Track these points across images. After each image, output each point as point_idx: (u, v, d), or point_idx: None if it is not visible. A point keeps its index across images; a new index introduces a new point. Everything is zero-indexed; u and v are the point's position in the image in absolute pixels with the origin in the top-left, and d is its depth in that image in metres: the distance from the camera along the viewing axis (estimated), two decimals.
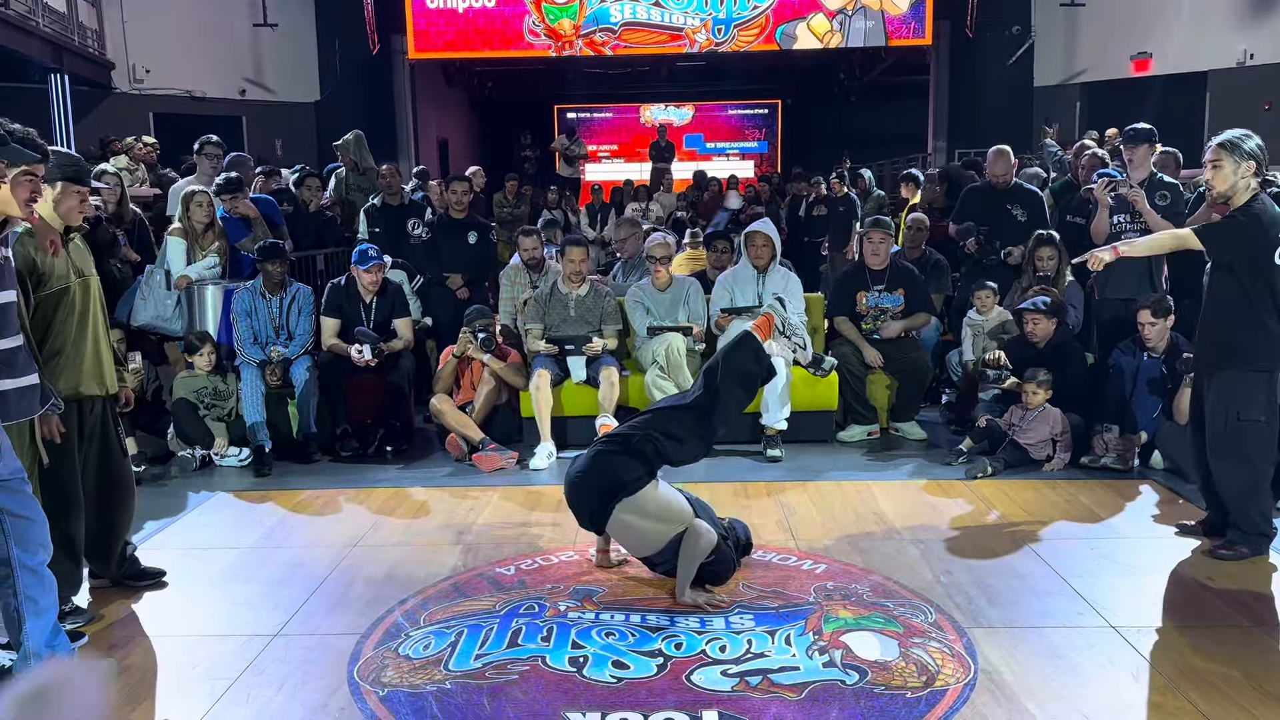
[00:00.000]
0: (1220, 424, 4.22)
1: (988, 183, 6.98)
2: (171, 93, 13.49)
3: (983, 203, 6.92)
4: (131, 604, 3.99)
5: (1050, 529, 4.69)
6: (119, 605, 3.97)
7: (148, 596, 4.06)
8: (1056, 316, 5.83)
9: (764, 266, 6.33)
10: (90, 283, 3.86)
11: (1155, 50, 13.11)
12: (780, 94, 20.81)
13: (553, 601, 3.87)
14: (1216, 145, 4.17)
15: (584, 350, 6.12)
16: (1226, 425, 4.19)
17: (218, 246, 6.51)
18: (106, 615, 3.88)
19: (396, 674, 3.34)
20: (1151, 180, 5.84)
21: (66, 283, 3.72)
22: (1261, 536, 4.24)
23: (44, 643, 3.11)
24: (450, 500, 5.28)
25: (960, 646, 3.47)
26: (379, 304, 6.31)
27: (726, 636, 3.55)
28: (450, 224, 7.36)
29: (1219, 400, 4.23)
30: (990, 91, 14.16)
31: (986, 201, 6.89)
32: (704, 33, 13.87)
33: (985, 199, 6.92)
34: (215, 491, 5.52)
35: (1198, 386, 4.42)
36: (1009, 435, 5.62)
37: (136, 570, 4.18)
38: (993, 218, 6.81)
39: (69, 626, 3.68)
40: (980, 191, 7.03)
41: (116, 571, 4.13)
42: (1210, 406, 4.28)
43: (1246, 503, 4.24)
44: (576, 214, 13.17)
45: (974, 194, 7.09)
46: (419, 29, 13.86)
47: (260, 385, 5.99)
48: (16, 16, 10.31)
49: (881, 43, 14.09)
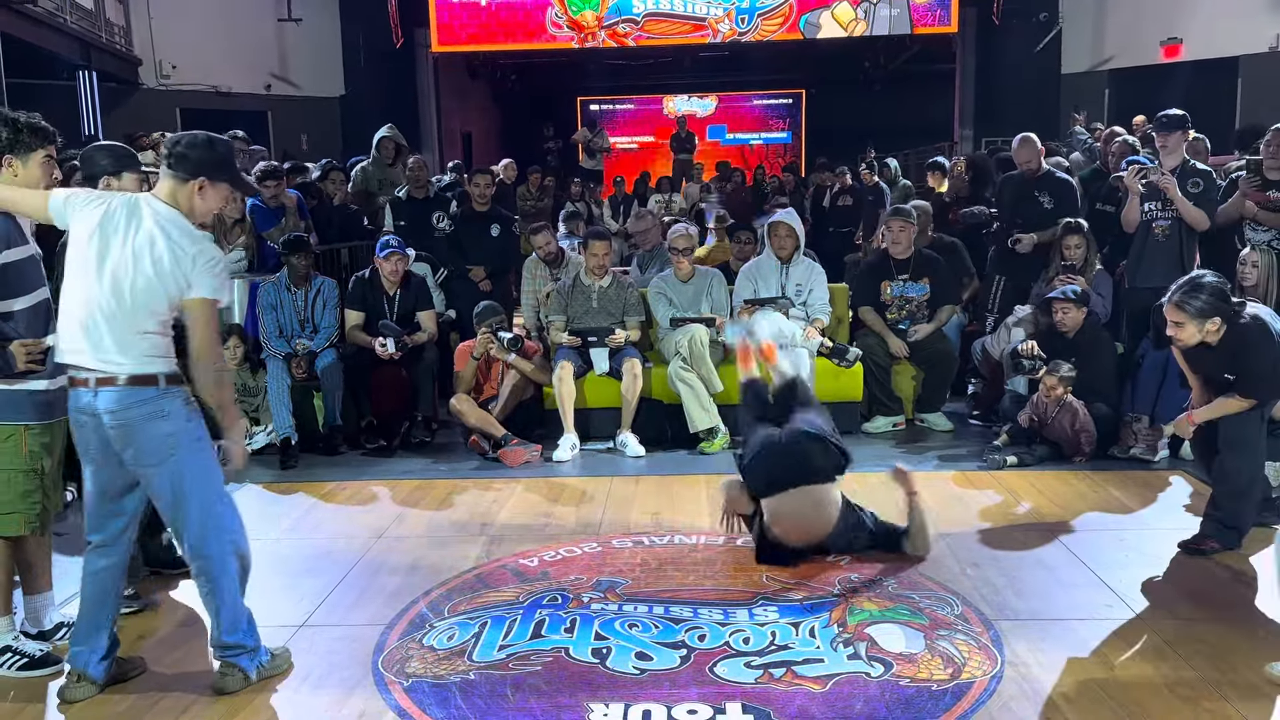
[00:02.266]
0: (1239, 420, 4.10)
1: (1020, 171, 6.89)
2: (198, 88, 13.58)
3: (1013, 191, 6.84)
4: (163, 593, 4.03)
5: (1078, 520, 4.64)
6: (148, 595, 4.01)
7: (175, 588, 4.09)
8: (1086, 305, 5.75)
9: (787, 257, 6.29)
10: None
11: (1185, 36, 12.90)
12: (804, 84, 20.67)
13: (576, 593, 3.87)
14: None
15: (607, 342, 6.11)
16: (1247, 416, 4.09)
17: (244, 241, 6.57)
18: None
19: (421, 665, 3.35)
20: (1184, 168, 5.75)
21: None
22: (1234, 531, 4.16)
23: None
24: (474, 492, 5.29)
25: (987, 639, 3.44)
26: (402, 296, 6.33)
27: (750, 628, 3.54)
28: (473, 216, 7.37)
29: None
30: (1017, 79, 13.98)
31: (1017, 189, 6.81)
32: (727, 22, 13.79)
33: (1016, 187, 6.83)
34: (241, 483, 5.55)
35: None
36: (1039, 433, 5.55)
37: (175, 558, 4.24)
38: (1024, 206, 6.72)
39: (127, 610, 3.76)
40: (1013, 180, 6.94)
41: (156, 560, 4.19)
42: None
43: (1245, 498, 4.16)
44: (599, 206, 13.16)
45: (1008, 182, 7.00)
46: (442, 22, 13.87)
47: (286, 378, 6.03)
48: (45, 14, 10.41)
49: (907, 30, 13.94)
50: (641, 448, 5.90)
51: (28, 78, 10.62)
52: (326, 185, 8.03)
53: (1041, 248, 6.49)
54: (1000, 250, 6.80)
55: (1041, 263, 6.52)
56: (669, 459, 5.83)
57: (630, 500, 5.08)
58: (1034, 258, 6.56)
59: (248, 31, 14.04)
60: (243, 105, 13.73)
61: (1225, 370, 4.07)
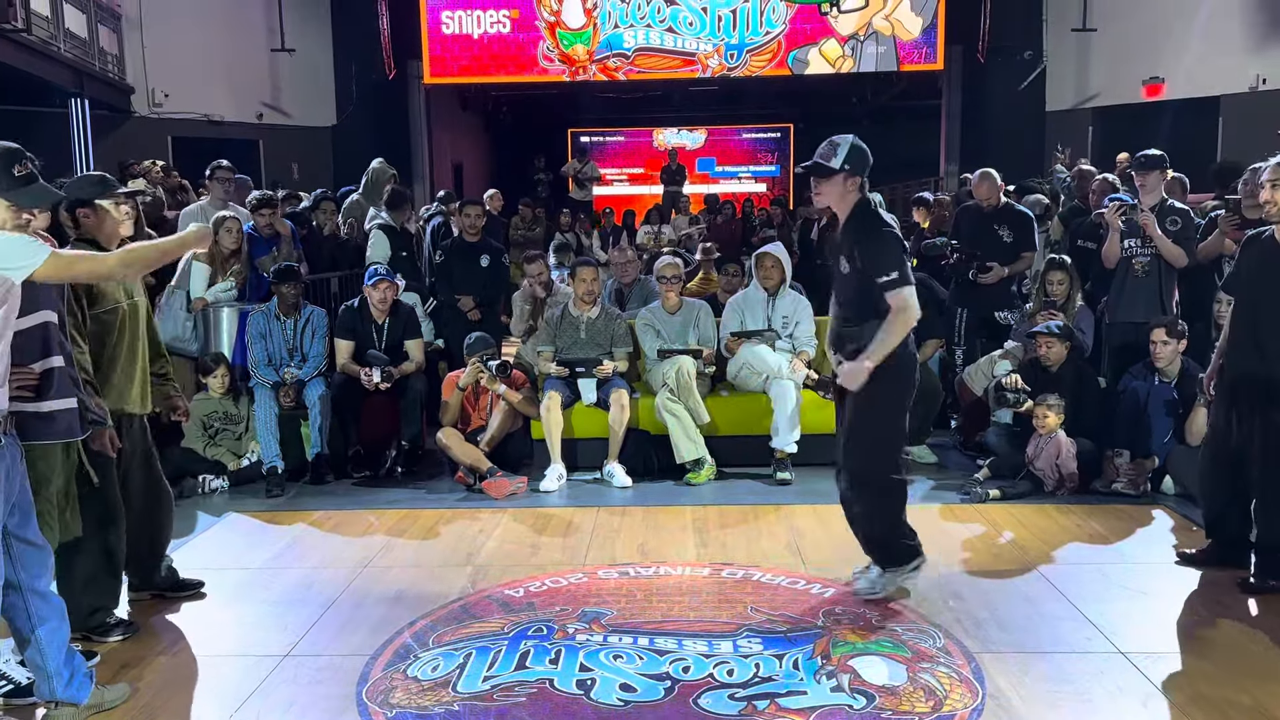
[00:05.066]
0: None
1: (976, 203, 7.01)
2: (190, 117, 13.63)
3: (971, 222, 6.95)
4: (145, 620, 4.02)
5: (1061, 554, 4.67)
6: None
7: (159, 615, 4.09)
8: (1069, 340, 5.82)
9: (774, 289, 6.35)
10: (139, 304, 3.97)
11: (1167, 75, 13.09)
12: (792, 118, 20.88)
13: (561, 624, 3.88)
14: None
15: (594, 372, 6.14)
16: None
17: (238, 269, 6.60)
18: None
19: (405, 695, 3.35)
20: (1162, 206, 5.85)
21: (117, 304, 3.80)
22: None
23: (62, 663, 3.14)
24: (460, 522, 5.29)
25: (968, 671, 3.46)
26: (391, 325, 6.36)
27: (734, 660, 3.55)
28: (463, 247, 7.42)
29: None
30: (1002, 116, 14.16)
31: (975, 222, 6.92)
32: (716, 58, 13.94)
33: (974, 219, 6.94)
34: (227, 512, 5.56)
35: (1227, 416, 4.29)
36: (1028, 466, 5.59)
37: (176, 581, 4.27)
38: (982, 238, 6.83)
39: (117, 638, 3.79)
40: (970, 212, 7.06)
41: (159, 584, 4.22)
42: (1267, 435, 4.12)
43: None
44: (589, 236, 13.23)
45: (965, 213, 7.13)
46: (434, 54, 13.98)
47: (274, 407, 6.04)
48: (39, 42, 10.45)
49: (893, 68, 14.13)
50: (628, 478, 5.92)
51: (20, 105, 10.66)
52: (317, 215, 8.08)
53: (1002, 280, 6.65)
54: (960, 282, 6.88)
55: (1002, 294, 6.64)
56: (655, 490, 5.85)
57: (616, 531, 5.10)
58: (995, 289, 6.68)
59: (240, 61, 14.12)
60: (234, 134, 13.77)
61: None
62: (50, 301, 3.31)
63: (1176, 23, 12.78)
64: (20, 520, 3.03)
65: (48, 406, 3.25)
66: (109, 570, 3.87)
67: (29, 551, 3.07)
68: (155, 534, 4.16)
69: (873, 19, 13.76)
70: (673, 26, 13.83)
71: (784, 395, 5.97)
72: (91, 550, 3.75)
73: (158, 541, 4.19)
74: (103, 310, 3.77)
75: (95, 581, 3.81)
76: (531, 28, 13.89)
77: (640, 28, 13.84)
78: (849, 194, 4.03)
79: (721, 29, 13.86)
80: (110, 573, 3.88)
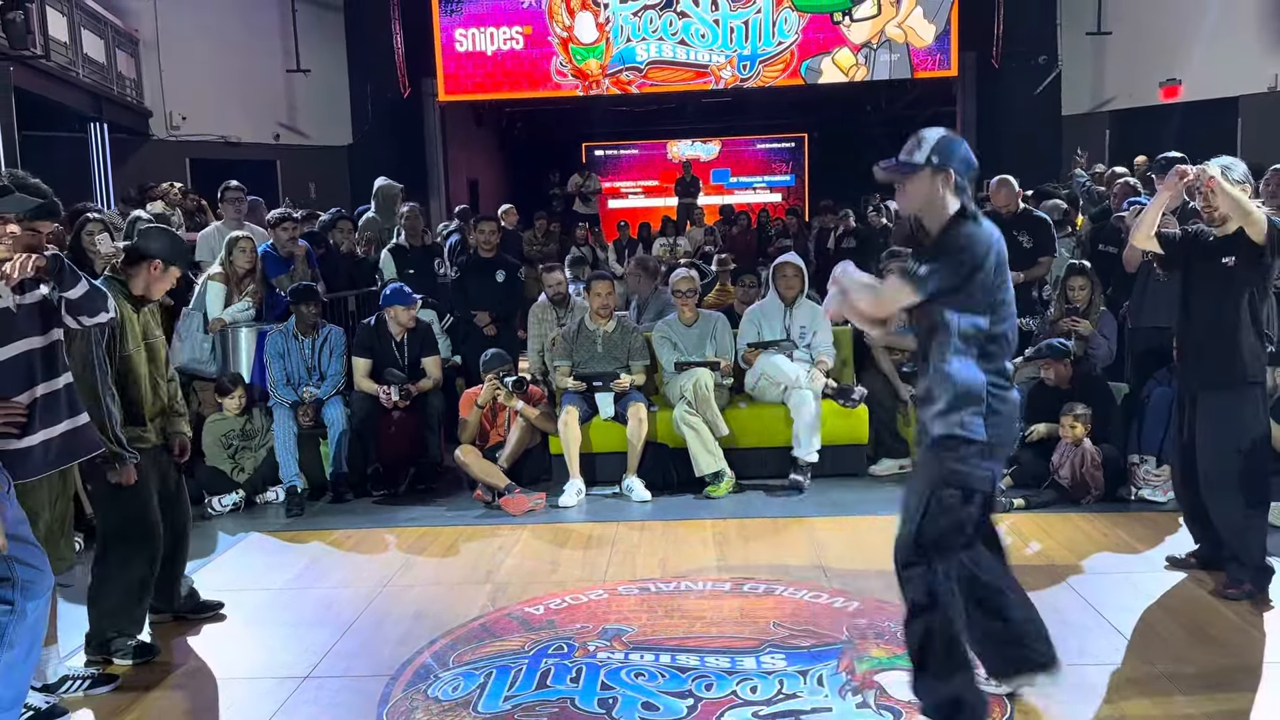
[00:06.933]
0: (1217, 456, 4.09)
1: (994, 210, 6.94)
2: (207, 138, 13.75)
3: None
4: (166, 642, 4.01)
5: (1087, 563, 4.60)
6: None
7: (179, 638, 4.09)
8: (1067, 358, 5.73)
9: (793, 298, 6.32)
10: (157, 345, 3.98)
11: (1184, 76, 13.00)
12: (806, 127, 20.85)
13: (582, 641, 3.85)
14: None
15: (612, 386, 6.12)
16: (1227, 457, 4.07)
17: (253, 289, 6.62)
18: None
19: (426, 716, 3.33)
20: (1183, 209, 5.78)
21: (129, 350, 3.80)
22: (1263, 570, 4.12)
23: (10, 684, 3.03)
24: (480, 539, 5.27)
25: (996, 684, 3.40)
26: (409, 342, 6.37)
27: (757, 677, 3.51)
28: (479, 263, 7.43)
29: (1218, 429, 4.10)
30: (1018, 121, 14.08)
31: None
32: (729, 69, 13.95)
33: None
34: (247, 532, 5.56)
35: (1183, 411, 4.29)
36: (1052, 475, 5.52)
37: (197, 603, 4.28)
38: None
39: (139, 661, 3.77)
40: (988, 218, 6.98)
41: (179, 606, 4.23)
42: (1207, 436, 4.13)
43: (1250, 537, 4.12)
44: (604, 249, 13.23)
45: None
46: (449, 72, 14.06)
47: (293, 426, 6.04)
48: (58, 68, 10.57)
49: (907, 75, 14.09)
50: (647, 492, 5.89)
51: (40, 130, 10.77)
52: (334, 234, 8.11)
53: (1021, 286, 6.57)
54: None
55: (1023, 300, 6.57)
56: (675, 503, 5.82)
57: (636, 546, 5.07)
58: (1015, 295, 6.61)
59: (257, 82, 14.25)
60: (251, 155, 13.88)
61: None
62: (33, 327, 3.20)
63: (1192, 24, 12.68)
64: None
65: (26, 443, 3.16)
66: (139, 598, 3.89)
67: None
68: (176, 556, 4.17)
69: (885, 27, 13.73)
70: (685, 39, 13.85)
71: (803, 404, 5.93)
72: (124, 578, 3.79)
73: (178, 564, 4.20)
74: (122, 353, 3.79)
75: (124, 607, 3.83)
76: (544, 44, 13.94)
77: (653, 41, 13.87)
78: (941, 195, 3.18)
79: (734, 40, 13.87)
80: (139, 600, 3.90)
